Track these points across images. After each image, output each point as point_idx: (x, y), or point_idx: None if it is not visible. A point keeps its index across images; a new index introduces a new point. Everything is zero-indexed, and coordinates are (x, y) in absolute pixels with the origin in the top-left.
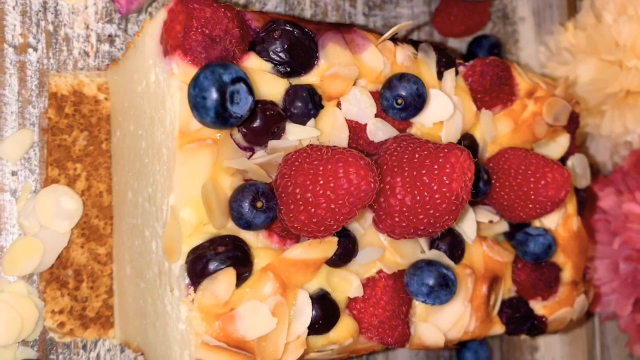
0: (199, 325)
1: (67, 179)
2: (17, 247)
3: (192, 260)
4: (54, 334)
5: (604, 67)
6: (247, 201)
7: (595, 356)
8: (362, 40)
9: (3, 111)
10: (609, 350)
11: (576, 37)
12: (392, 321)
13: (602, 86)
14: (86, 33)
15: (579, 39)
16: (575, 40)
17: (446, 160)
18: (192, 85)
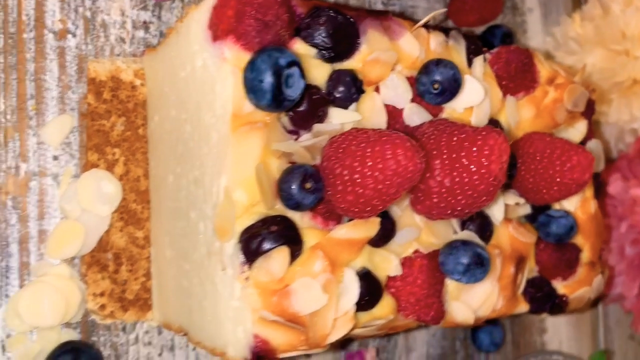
0: (255, 301)
1: (106, 163)
2: (60, 230)
3: (246, 239)
4: (95, 316)
5: (611, 57)
6: (296, 182)
7: (599, 337)
8: (398, 27)
9: (44, 96)
10: (611, 331)
11: (584, 28)
12: (428, 299)
13: (609, 75)
14: (122, 19)
15: (586, 30)
16: (583, 31)
17: (484, 142)
18: (249, 69)
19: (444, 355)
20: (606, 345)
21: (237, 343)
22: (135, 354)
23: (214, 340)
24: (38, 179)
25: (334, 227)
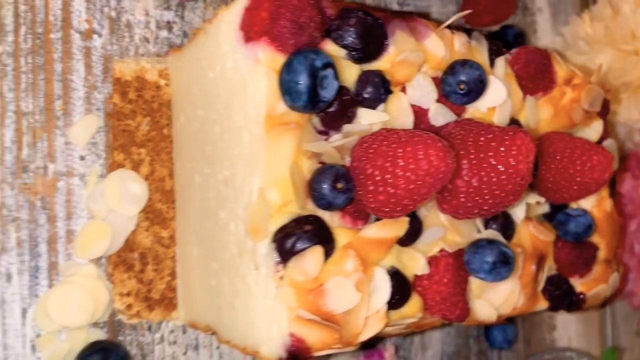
0: (291, 300)
1: (132, 163)
2: (88, 230)
3: (281, 238)
4: (122, 316)
5: (621, 57)
6: (328, 183)
7: (607, 333)
8: (423, 28)
9: (71, 96)
10: (619, 328)
11: (594, 28)
12: (454, 298)
13: (619, 75)
14: (146, 19)
15: (596, 30)
16: (593, 31)
17: (512, 142)
18: (286, 71)
19: (458, 353)
20: (614, 341)
21: (271, 342)
22: (161, 353)
23: (246, 339)
24: (65, 179)
25: (363, 227)
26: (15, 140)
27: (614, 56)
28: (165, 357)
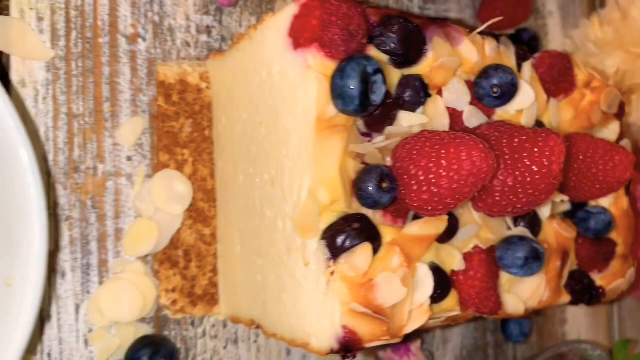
0: (344, 294)
1: (176, 164)
2: (136, 229)
3: (331, 236)
4: (167, 311)
5: (631, 60)
6: (374, 182)
7: (614, 327)
8: (457, 34)
9: (118, 99)
10: (625, 322)
11: (603, 31)
12: (487, 292)
13: (629, 77)
14: (187, 24)
15: (605, 33)
16: (602, 34)
17: (545, 144)
18: (339, 76)
19: (477, 346)
20: (620, 334)
21: (322, 334)
22: (203, 347)
23: (294, 332)
24: (114, 179)
25: (402, 225)
26: (67, 142)
27: (623, 59)
28: (207, 351)
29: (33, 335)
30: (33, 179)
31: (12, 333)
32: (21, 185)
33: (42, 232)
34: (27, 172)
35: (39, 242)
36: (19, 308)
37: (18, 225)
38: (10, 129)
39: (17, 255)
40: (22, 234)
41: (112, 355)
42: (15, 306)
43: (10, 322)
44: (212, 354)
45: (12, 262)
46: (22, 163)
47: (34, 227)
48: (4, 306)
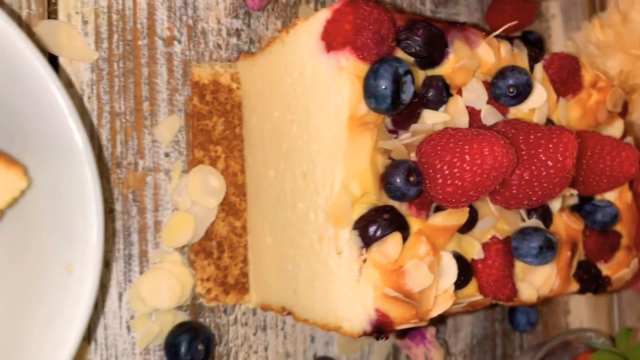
0: (377, 279)
1: (210, 160)
2: (174, 221)
3: (363, 226)
4: (202, 299)
5: (630, 61)
6: (402, 176)
7: (614, 318)
8: (474, 37)
9: (157, 98)
10: (624, 313)
11: (604, 34)
12: (504, 280)
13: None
14: (218, 27)
15: (606, 35)
16: (603, 37)
17: (559, 140)
18: (372, 77)
19: (486, 335)
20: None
21: (354, 318)
22: (235, 333)
23: (326, 317)
24: (153, 174)
25: (426, 216)
26: (110, 139)
27: (624, 60)
28: (238, 337)
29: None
30: (90, 172)
31: (73, 318)
32: (80, 178)
33: (99, 222)
34: (85, 165)
35: (96, 231)
36: (79, 294)
37: (77, 216)
38: (70, 126)
39: (77, 244)
40: (81, 224)
41: (152, 341)
42: (75, 292)
43: (70, 307)
44: (242, 340)
45: (72, 250)
46: (81, 156)
47: (92, 217)
48: (65, 291)
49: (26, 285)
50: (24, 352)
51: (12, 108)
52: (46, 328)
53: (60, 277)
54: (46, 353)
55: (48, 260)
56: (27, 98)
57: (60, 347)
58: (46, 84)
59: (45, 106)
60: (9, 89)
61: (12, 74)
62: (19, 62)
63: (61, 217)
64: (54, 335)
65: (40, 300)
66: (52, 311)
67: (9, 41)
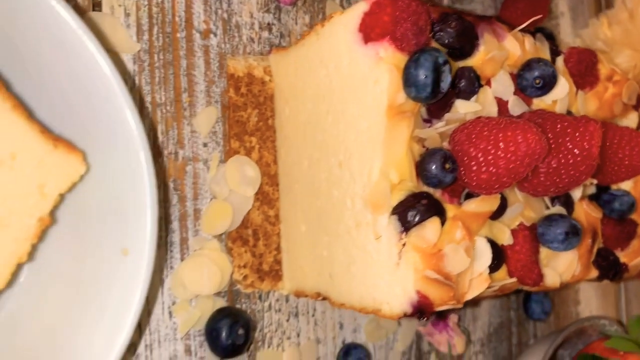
0: (417, 262)
1: (245, 150)
2: (212, 209)
3: (402, 211)
4: (239, 286)
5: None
6: (438, 163)
7: (621, 308)
8: (500, 30)
9: (195, 90)
10: (631, 303)
11: (612, 31)
12: (531, 265)
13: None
14: (251, 21)
15: (614, 32)
16: (611, 33)
17: (586, 129)
18: (413, 66)
19: (502, 323)
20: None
21: (393, 300)
22: (269, 319)
23: (364, 301)
24: (192, 164)
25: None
26: (151, 129)
27: (631, 56)
28: (272, 323)
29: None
30: (145, 158)
31: (130, 299)
32: (135, 164)
33: (154, 206)
34: (140, 150)
35: (150, 214)
36: (135, 276)
37: (131, 200)
38: (126, 115)
39: (132, 227)
40: (136, 208)
41: (193, 326)
42: (130, 274)
43: (127, 289)
44: (276, 326)
45: (127, 233)
46: (136, 143)
47: (147, 201)
48: (121, 273)
49: (83, 268)
50: (81, 334)
51: (72, 98)
52: (103, 310)
53: (116, 259)
54: (104, 335)
55: (104, 243)
56: (85, 88)
57: (118, 328)
58: (105, 76)
59: (103, 96)
60: (69, 80)
61: (72, 65)
62: (80, 54)
63: (117, 201)
64: (110, 317)
65: (97, 282)
66: (108, 293)
67: (72, 33)
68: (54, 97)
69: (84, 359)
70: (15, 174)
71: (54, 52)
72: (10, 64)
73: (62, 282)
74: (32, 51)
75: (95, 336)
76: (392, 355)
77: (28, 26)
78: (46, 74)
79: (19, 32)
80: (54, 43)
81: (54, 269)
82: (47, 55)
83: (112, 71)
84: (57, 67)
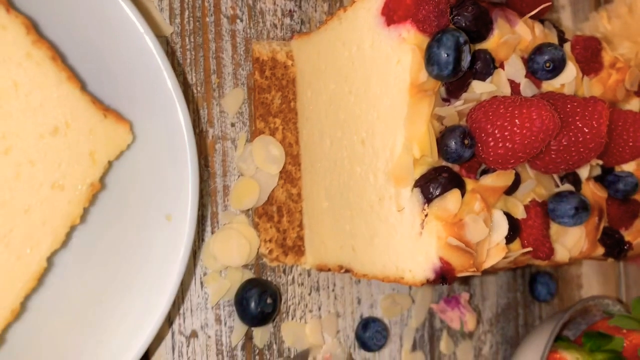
0: (440, 230)
1: (270, 131)
2: (240, 185)
3: (424, 184)
4: (265, 259)
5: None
6: (457, 139)
7: (622, 293)
8: (512, 16)
9: (223, 72)
10: (630, 288)
11: (612, 24)
12: (543, 239)
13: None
14: (274, 8)
15: (614, 25)
16: (611, 26)
17: (594, 108)
18: (436, 46)
19: (509, 304)
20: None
21: (416, 268)
22: (292, 292)
23: (387, 270)
24: (221, 142)
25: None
26: None
27: (631, 48)
28: (296, 297)
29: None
30: (186, 130)
31: (173, 264)
32: (178, 135)
33: (195, 174)
34: (182, 123)
35: (192, 183)
36: (178, 241)
37: (174, 169)
38: (171, 89)
39: (175, 195)
40: (178, 176)
41: (223, 296)
42: (174, 239)
43: (170, 254)
44: (299, 299)
45: (171, 200)
46: (178, 114)
47: (189, 171)
48: (165, 239)
49: (129, 233)
50: (130, 294)
51: (120, 73)
52: (147, 273)
53: (161, 225)
54: (149, 295)
55: (149, 209)
56: (133, 64)
57: (162, 288)
58: (151, 54)
59: (149, 71)
60: (118, 57)
61: (122, 44)
62: (130, 34)
63: (160, 170)
64: (155, 279)
65: (141, 245)
66: (153, 256)
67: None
68: (104, 72)
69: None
70: (69, 141)
71: (107, 32)
72: (67, 41)
73: (109, 245)
74: (87, 32)
75: (143, 296)
76: (407, 331)
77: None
78: (98, 50)
79: (78, 16)
80: (108, 25)
81: (102, 232)
82: (99, 35)
83: (159, 51)
84: (109, 45)
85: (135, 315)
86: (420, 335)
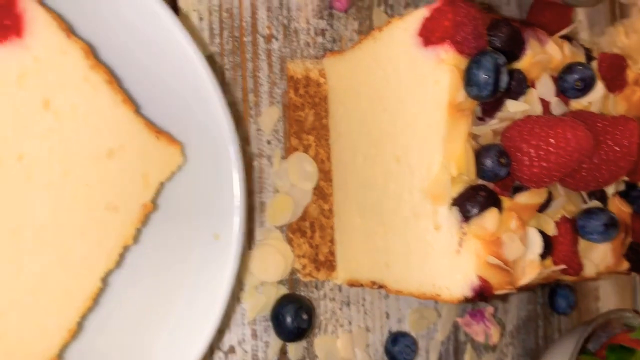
0: (479, 249)
1: (303, 147)
2: (276, 202)
3: (462, 202)
4: (299, 274)
5: None
6: (494, 158)
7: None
8: (542, 36)
9: (259, 90)
10: None
11: (629, 38)
12: (572, 255)
13: None
14: (307, 27)
15: (631, 40)
16: (628, 41)
17: (625, 127)
18: (476, 67)
19: (529, 317)
20: None
21: (453, 286)
22: (324, 307)
23: (423, 287)
24: (258, 160)
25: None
26: None
27: None
28: (327, 312)
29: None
30: (234, 152)
31: (221, 281)
32: (225, 157)
33: (242, 193)
34: (230, 145)
35: (239, 202)
36: (225, 259)
37: (222, 190)
38: (220, 113)
39: (222, 215)
40: (226, 195)
41: (260, 312)
42: (221, 257)
43: (217, 270)
44: (331, 314)
45: (218, 219)
46: (227, 139)
47: (237, 190)
48: (213, 256)
49: (178, 252)
50: (174, 314)
51: (170, 95)
52: (195, 290)
53: (208, 243)
54: (197, 314)
55: (198, 227)
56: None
57: (210, 306)
58: (202, 77)
59: (199, 95)
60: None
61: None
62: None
63: (209, 191)
64: (202, 297)
65: (189, 263)
66: (201, 274)
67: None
68: (156, 95)
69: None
70: (123, 163)
71: (159, 55)
72: (121, 65)
73: (159, 264)
74: (140, 55)
75: (189, 316)
76: (433, 344)
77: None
78: (151, 73)
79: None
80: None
81: (152, 251)
82: (152, 58)
83: (209, 74)
84: (161, 68)
85: (184, 333)
86: (446, 349)
